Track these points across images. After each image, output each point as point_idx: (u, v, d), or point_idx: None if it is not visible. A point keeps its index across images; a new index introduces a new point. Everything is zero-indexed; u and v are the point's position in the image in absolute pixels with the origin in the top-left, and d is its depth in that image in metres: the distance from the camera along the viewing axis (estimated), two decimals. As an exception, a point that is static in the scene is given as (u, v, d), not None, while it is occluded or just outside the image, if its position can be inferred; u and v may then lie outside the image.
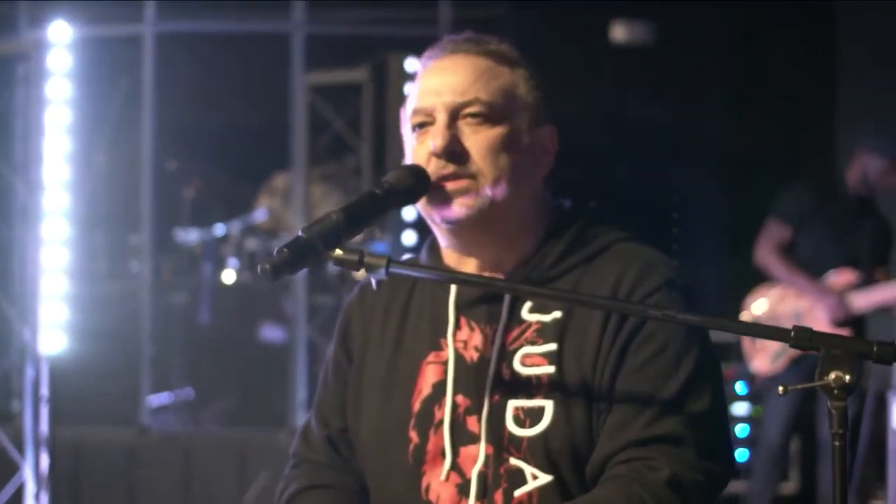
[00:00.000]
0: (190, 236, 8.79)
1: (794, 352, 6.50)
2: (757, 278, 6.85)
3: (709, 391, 2.31)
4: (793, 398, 6.65)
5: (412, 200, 2.33)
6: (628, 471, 2.24)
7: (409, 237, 7.38)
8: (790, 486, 7.64)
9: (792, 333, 1.96)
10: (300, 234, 2.15)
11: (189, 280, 8.62)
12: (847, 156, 8.73)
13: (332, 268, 7.72)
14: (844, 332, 6.25)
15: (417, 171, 2.32)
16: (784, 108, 9.24)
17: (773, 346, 6.47)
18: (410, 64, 7.23)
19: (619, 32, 9.14)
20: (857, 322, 6.60)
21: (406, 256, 2.78)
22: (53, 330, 6.01)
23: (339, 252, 2.15)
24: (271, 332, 8.41)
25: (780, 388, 1.96)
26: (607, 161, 8.12)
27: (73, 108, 6.20)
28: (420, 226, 7.40)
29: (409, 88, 7.26)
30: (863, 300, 6.59)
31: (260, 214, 8.77)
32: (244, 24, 8.09)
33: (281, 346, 8.14)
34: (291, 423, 7.46)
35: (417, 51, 7.37)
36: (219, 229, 8.70)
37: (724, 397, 2.35)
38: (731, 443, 2.35)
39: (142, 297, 7.59)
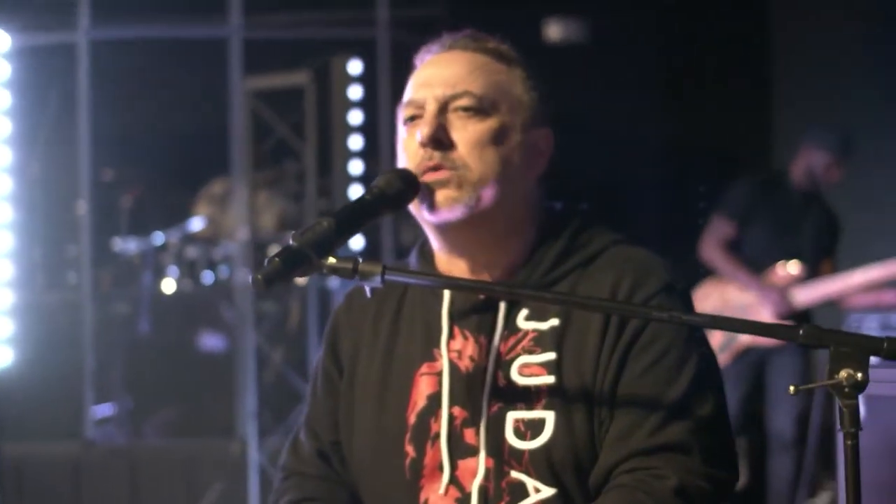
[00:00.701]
0: (128, 246, 8.67)
1: (738, 345, 6.52)
2: (696, 273, 6.87)
3: (711, 396, 2.27)
4: (741, 392, 6.67)
5: (402, 205, 2.28)
6: (633, 480, 2.20)
7: (356, 242, 7.31)
8: (739, 482, 7.64)
9: (801, 332, 1.93)
10: (290, 242, 2.09)
11: (128, 290, 8.50)
12: (784, 149, 8.80)
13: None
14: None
15: (406, 175, 2.27)
16: (720, 101, 9.27)
17: (717, 338, 6.47)
18: (354, 66, 7.18)
19: (554, 31, 9.14)
20: (801, 316, 6.63)
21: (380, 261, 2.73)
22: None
23: (331, 260, 2.09)
24: (211, 341, 8.33)
25: (791, 388, 1.92)
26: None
27: (11, 118, 6.09)
28: (368, 230, 7.34)
29: (353, 91, 7.28)
30: (805, 295, 6.62)
31: (198, 222, 8.67)
32: (180, 29, 7.99)
33: (222, 354, 8.06)
34: (240, 432, 7.36)
35: (358, 53, 7.40)
36: (157, 238, 8.59)
37: (726, 402, 2.32)
38: (734, 448, 2.31)
39: (83, 309, 7.48)
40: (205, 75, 8.16)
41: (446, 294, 2.39)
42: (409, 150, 2.33)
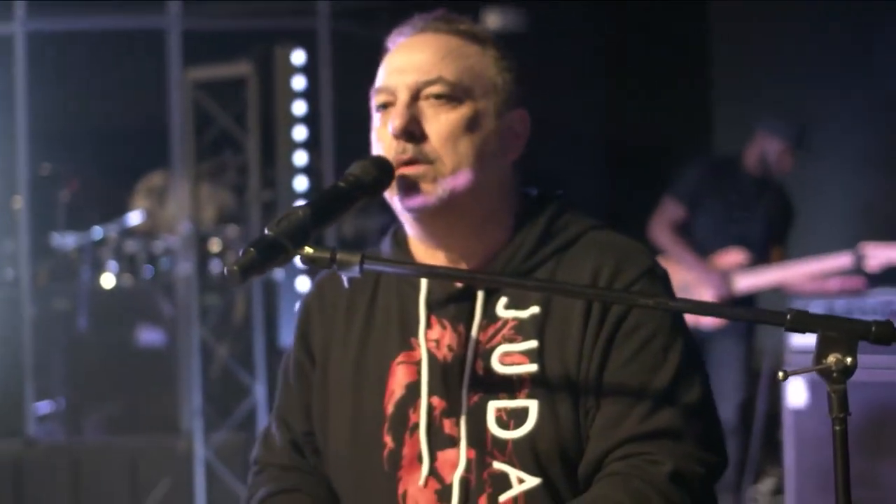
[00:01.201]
0: (66, 240, 8.56)
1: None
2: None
3: (698, 381, 2.26)
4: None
5: (377, 192, 2.23)
6: (627, 467, 2.17)
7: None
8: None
9: (788, 317, 1.91)
10: (266, 232, 2.04)
11: (67, 285, 8.40)
12: (724, 137, 8.84)
13: (217, 267, 7.59)
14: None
15: (381, 162, 2.23)
16: (660, 90, 9.30)
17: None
18: (297, 56, 7.12)
19: (492, 20, 9.12)
20: (743, 301, 6.65)
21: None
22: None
23: (308, 249, 2.04)
24: (149, 335, 8.25)
25: (780, 374, 1.90)
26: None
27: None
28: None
29: (297, 81, 7.21)
30: (747, 281, 6.66)
31: (135, 216, 8.58)
32: (118, 21, 7.89)
33: (162, 348, 7.98)
34: (185, 428, 7.30)
35: (301, 43, 7.34)
36: (96, 232, 8.49)
37: (710, 386, 2.30)
38: (722, 432, 2.29)
39: (22, 305, 7.38)
40: (145, 67, 8.08)
41: (423, 283, 2.35)
42: (383, 140, 2.29)
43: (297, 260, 2.05)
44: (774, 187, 7.07)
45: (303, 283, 7.04)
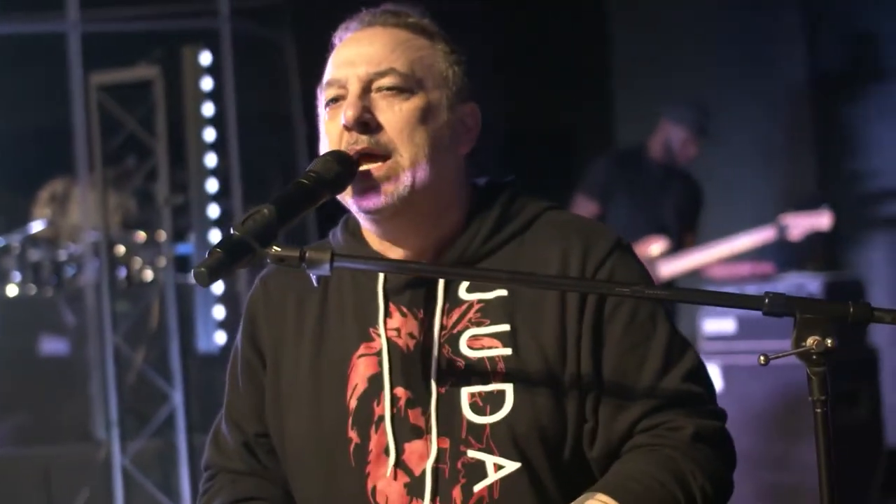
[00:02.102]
0: (-32, 250, 8.38)
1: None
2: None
3: (685, 341, 2.30)
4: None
5: (341, 188, 2.20)
6: (651, 437, 2.20)
7: (215, 236, 7.17)
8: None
9: (766, 300, 1.92)
10: (231, 232, 2.01)
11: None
12: (625, 125, 8.90)
13: (123, 273, 7.48)
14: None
15: (341, 157, 2.19)
16: (559, 81, 9.32)
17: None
18: (205, 57, 7.03)
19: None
20: (666, 286, 6.68)
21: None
22: None
23: (276, 249, 2.00)
24: (52, 345, 8.11)
25: (762, 358, 1.90)
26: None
27: None
28: (225, 224, 7.22)
29: (205, 83, 7.12)
30: (669, 268, 6.69)
31: (37, 224, 8.42)
32: (16, 25, 7.76)
33: (65, 357, 7.84)
34: (97, 436, 7.19)
35: (206, 43, 7.25)
36: (-2, 241, 8.33)
37: None
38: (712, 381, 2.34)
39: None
40: (47, 72, 7.93)
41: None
42: (332, 134, 2.26)
43: (267, 259, 2.01)
44: (681, 174, 7.14)
45: (217, 286, 6.97)
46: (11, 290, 8.13)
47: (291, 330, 2.38)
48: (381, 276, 2.32)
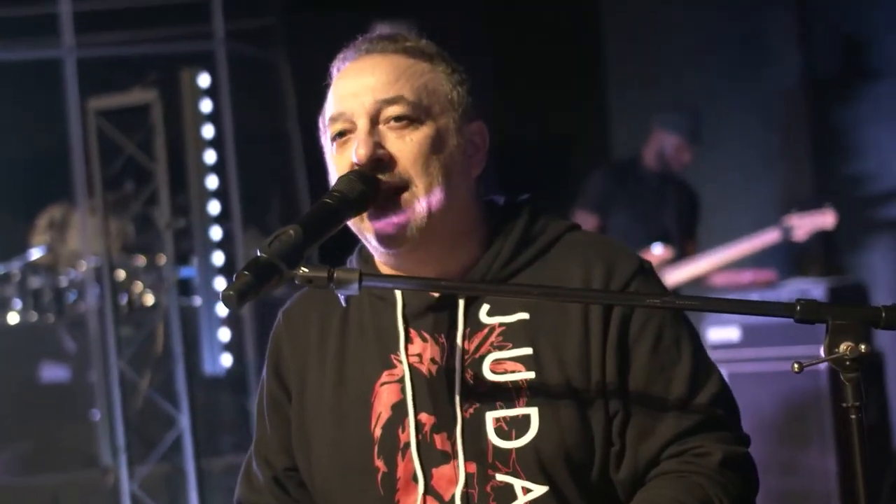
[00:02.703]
0: (-33, 278, 8.35)
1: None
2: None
3: (711, 364, 2.27)
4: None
5: (364, 207, 2.17)
6: (680, 464, 2.18)
7: (217, 258, 7.16)
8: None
9: (798, 307, 1.91)
10: (258, 254, 1.99)
11: (-31, 323, 8.18)
12: (622, 136, 8.88)
13: (124, 299, 7.45)
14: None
15: (365, 176, 2.16)
16: (554, 94, 9.30)
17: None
18: (203, 79, 7.03)
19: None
20: (671, 295, 6.66)
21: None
22: None
23: (304, 269, 1.98)
24: (52, 372, 8.07)
25: (795, 366, 1.89)
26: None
27: None
28: (227, 246, 7.21)
29: (205, 105, 7.11)
30: (675, 276, 6.67)
31: (36, 251, 8.40)
32: (11, 52, 7.74)
33: (66, 384, 7.82)
34: (106, 462, 7.15)
35: (202, 65, 7.25)
36: (-3, 269, 8.30)
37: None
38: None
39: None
40: (46, 98, 7.91)
41: (398, 295, 2.30)
42: (342, 168, 2.23)
43: (295, 280, 1.99)
44: (676, 182, 7.14)
45: (222, 309, 6.95)
46: (12, 318, 8.10)
47: (314, 361, 2.36)
48: (400, 301, 2.29)
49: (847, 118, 8.40)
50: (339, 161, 2.24)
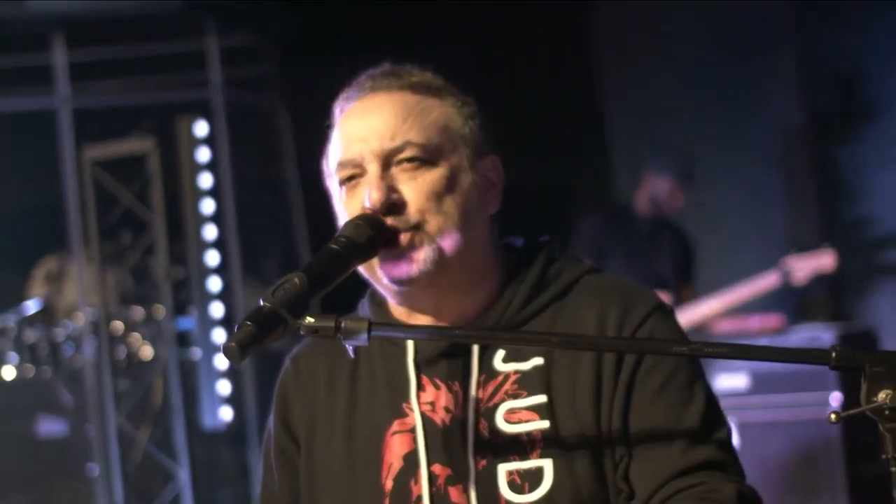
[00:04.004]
0: (-38, 333, 8.24)
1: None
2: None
3: (722, 416, 2.16)
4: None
5: (372, 253, 2.08)
6: (693, 496, 2.05)
7: (217, 309, 7.06)
8: None
9: (833, 354, 1.80)
10: (262, 303, 1.88)
11: (-36, 379, 8.07)
12: (623, 181, 8.79)
13: (123, 352, 7.35)
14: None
15: (373, 220, 2.07)
16: (553, 140, 9.23)
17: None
18: (200, 128, 6.94)
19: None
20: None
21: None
22: None
23: (310, 319, 1.88)
24: (49, 426, 7.97)
25: (832, 416, 1.79)
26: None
27: None
28: (227, 297, 7.11)
29: (202, 153, 7.03)
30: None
31: (33, 304, 8.30)
32: (5, 103, 7.67)
33: (63, 439, 7.71)
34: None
35: (201, 114, 7.17)
36: (-8, 323, 8.19)
37: None
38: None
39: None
40: (39, 148, 7.83)
41: (410, 343, 2.20)
42: (353, 213, 2.13)
43: (300, 331, 1.89)
44: (670, 226, 7.06)
45: (222, 361, 6.85)
46: (8, 373, 8.00)
47: (323, 409, 2.26)
48: (412, 348, 2.20)
49: (850, 160, 8.34)
50: (349, 206, 2.14)
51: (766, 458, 6.16)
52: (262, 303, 1.89)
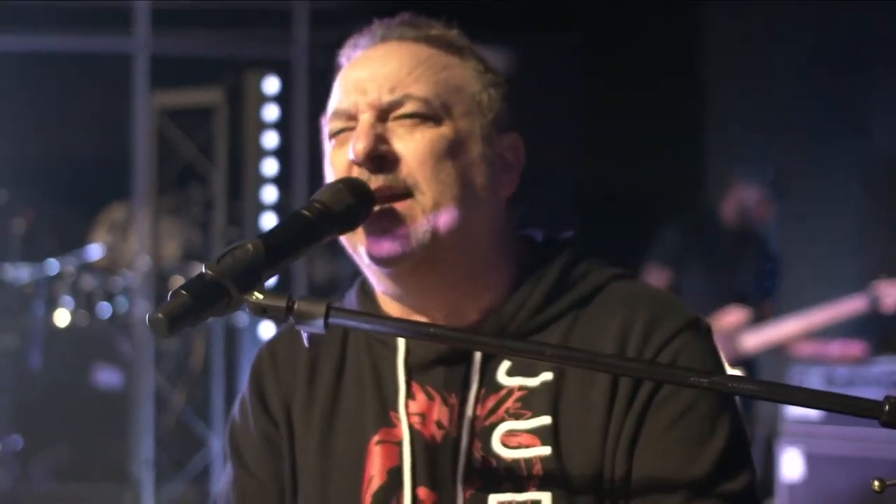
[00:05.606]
0: (20, 273, 8.10)
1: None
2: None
3: (748, 463, 1.81)
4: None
5: (350, 225, 1.76)
6: None
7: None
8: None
9: (886, 408, 1.46)
10: (204, 270, 1.58)
11: (18, 321, 7.94)
12: (716, 191, 8.49)
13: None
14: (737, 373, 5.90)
15: (356, 186, 1.76)
16: (649, 144, 8.97)
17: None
18: (270, 84, 6.67)
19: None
20: (746, 363, 6.25)
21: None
22: None
23: (257, 295, 1.57)
24: (107, 376, 7.84)
25: (876, 484, 1.46)
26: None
27: None
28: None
29: (269, 112, 6.77)
30: (753, 340, 6.26)
31: (94, 250, 8.13)
32: (83, 43, 7.47)
33: (118, 392, 7.56)
34: (133, 477, 6.82)
35: (276, 71, 6.92)
36: (52, 266, 8.03)
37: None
38: None
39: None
40: (109, 91, 7.66)
41: (401, 342, 1.89)
42: (338, 169, 1.83)
43: (246, 308, 1.58)
44: (757, 239, 6.76)
45: (267, 330, 6.59)
46: (62, 319, 7.86)
47: (301, 400, 1.96)
48: (402, 349, 1.89)
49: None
50: (335, 160, 1.85)
51: (833, 495, 5.83)
52: (203, 270, 1.58)
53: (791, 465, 5.83)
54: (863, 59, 8.28)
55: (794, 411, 6.08)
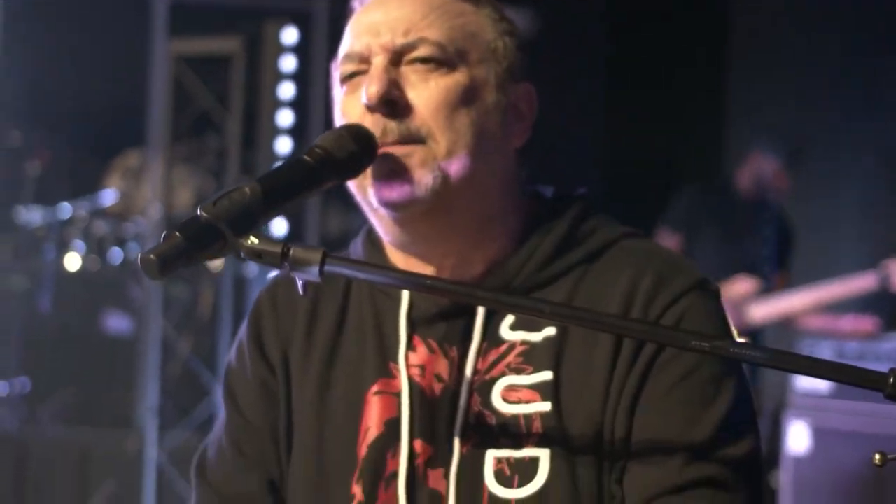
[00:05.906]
0: (32, 216, 8.09)
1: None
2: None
3: (752, 428, 1.79)
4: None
5: (353, 172, 1.74)
6: None
7: (280, 227, 6.77)
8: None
9: (892, 380, 1.44)
10: (199, 212, 1.57)
11: (29, 263, 7.94)
12: (736, 160, 8.46)
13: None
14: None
15: (362, 134, 1.74)
16: (671, 109, 8.94)
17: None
18: (288, 35, 6.62)
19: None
20: (753, 335, 6.22)
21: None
22: None
23: (252, 240, 1.55)
24: (117, 322, 7.85)
25: (878, 457, 1.43)
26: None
27: None
28: (291, 215, 6.82)
29: (286, 62, 6.71)
30: (762, 311, 6.22)
31: (108, 195, 8.11)
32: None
33: (127, 338, 7.56)
34: (138, 424, 6.85)
35: (295, 22, 6.86)
36: (64, 210, 8.02)
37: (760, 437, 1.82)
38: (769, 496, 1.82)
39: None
40: (126, 37, 7.60)
41: (405, 294, 1.86)
42: (350, 115, 1.81)
43: (240, 252, 1.55)
44: (771, 209, 6.70)
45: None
46: (73, 263, 7.86)
47: (299, 347, 1.94)
48: (406, 300, 1.87)
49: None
50: (346, 106, 1.83)
51: (839, 469, 5.80)
52: (199, 212, 1.57)
53: (797, 438, 5.80)
54: (886, 36, 8.23)
55: (802, 384, 6.05)
